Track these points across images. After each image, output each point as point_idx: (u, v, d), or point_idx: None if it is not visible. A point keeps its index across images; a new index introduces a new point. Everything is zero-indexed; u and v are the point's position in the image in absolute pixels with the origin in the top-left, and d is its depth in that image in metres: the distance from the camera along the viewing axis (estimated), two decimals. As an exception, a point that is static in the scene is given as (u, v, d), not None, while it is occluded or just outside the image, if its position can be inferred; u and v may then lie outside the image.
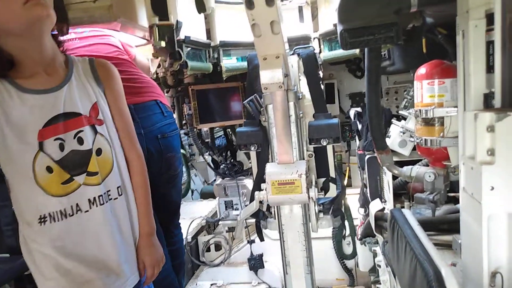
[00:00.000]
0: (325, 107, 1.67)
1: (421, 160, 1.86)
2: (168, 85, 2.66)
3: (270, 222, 1.79)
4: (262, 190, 1.55)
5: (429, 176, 1.55)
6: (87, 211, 1.24)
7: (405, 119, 1.99)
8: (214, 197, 3.15)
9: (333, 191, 1.81)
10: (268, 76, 1.36)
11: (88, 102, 1.28)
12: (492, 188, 0.78)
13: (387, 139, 2.23)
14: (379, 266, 1.88)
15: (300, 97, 1.61)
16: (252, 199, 1.69)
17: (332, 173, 1.75)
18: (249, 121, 1.71)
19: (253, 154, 1.80)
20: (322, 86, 1.77)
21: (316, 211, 1.70)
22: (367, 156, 2.27)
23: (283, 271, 1.64)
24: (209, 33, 2.40)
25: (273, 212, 1.73)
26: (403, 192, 2.07)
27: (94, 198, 1.26)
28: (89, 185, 1.25)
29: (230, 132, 3.21)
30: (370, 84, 1.49)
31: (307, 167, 1.53)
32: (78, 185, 1.24)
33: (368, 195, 2.26)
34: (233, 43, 2.39)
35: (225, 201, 2.99)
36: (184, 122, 2.89)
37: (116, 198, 1.32)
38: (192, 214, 3.40)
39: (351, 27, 1.21)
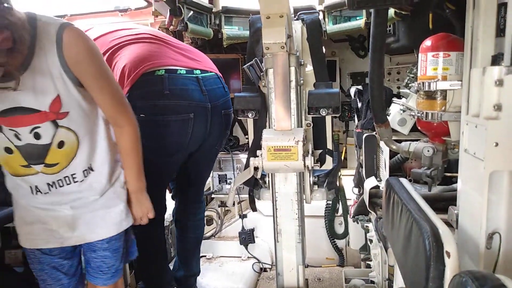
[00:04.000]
0: (327, 76, 1.64)
1: (418, 140, 1.84)
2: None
3: (263, 192, 1.77)
4: (258, 156, 1.52)
5: (428, 151, 1.53)
6: (47, 193, 1.30)
7: (406, 98, 1.96)
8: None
9: (328, 164, 1.79)
10: (271, 35, 1.32)
11: (48, 97, 1.21)
12: (496, 144, 0.75)
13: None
14: (371, 241, 1.88)
15: (302, 63, 1.58)
16: (247, 166, 1.67)
17: (330, 145, 1.73)
18: (248, 87, 1.67)
19: (250, 121, 1.77)
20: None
21: (311, 182, 1.68)
22: (365, 134, 2.25)
23: (274, 239, 1.63)
24: (212, -2, 2.33)
25: (267, 181, 1.70)
26: (398, 174, 2.05)
27: (53, 182, 1.30)
28: (47, 174, 1.29)
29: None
30: (374, 52, 1.44)
31: (304, 135, 1.51)
32: (36, 172, 1.27)
33: (364, 174, 2.24)
34: (236, 9, 2.32)
35: (219, 175, 2.98)
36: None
37: (82, 180, 1.34)
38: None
39: (360, -15, 1.17)
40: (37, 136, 1.23)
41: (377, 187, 1.90)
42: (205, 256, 2.90)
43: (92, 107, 1.33)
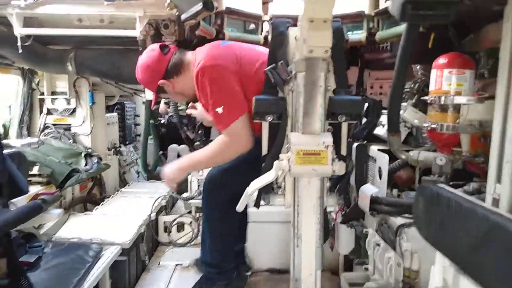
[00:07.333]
0: (347, 82, 1.68)
1: (408, 151, 1.94)
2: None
3: (274, 197, 1.74)
4: (282, 160, 1.50)
5: (440, 160, 1.63)
6: None
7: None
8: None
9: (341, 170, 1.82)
10: (317, 39, 1.32)
11: None
12: None
13: (380, 129, 2.32)
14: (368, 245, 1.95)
15: (329, 69, 1.60)
16: (265, 169, 1.64)
17: (344, 151, 1.76)
18: (269, 90, 1.66)
19: (265, 124, 1.74)
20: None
21: (327, 187, 1.70)
22: (356, 144, 2.33)
23: (293, 244, 1.61)
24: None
25: (282, 186, 1.68)
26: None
27: None
28: None
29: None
30: (402, 63, 1.51)
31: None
32: None
33: (353, 182, 2.31)
34: (238, 11, 2.26)
35: (198, 179, 2.87)
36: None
37: None
38: (156, 192, 3.25)
39: (416, -1, 1.22)
40: None
41: (376, 193, 1.97)
42: (181, 264, 2.76)
43: None
